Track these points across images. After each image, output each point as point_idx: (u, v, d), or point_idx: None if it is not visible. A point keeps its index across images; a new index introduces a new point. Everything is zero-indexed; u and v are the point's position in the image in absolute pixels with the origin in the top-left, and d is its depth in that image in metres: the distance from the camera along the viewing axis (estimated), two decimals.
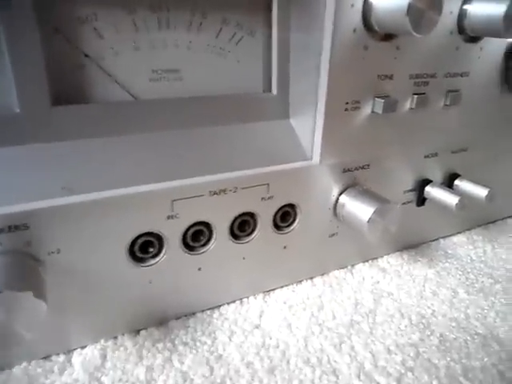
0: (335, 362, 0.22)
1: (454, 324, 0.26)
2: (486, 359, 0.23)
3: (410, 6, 0.20)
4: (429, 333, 0.25)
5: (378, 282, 0.29)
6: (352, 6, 0.22)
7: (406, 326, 0.25)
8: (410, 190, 0.30)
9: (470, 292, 0.28)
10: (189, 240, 0.23)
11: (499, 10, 0.24)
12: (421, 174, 0.30)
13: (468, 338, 0.25)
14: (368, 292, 0.28)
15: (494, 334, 0.25)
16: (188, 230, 0.23)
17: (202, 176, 0.22)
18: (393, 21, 0.21)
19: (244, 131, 0.24)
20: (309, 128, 0.25)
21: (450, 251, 0.33)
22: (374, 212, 0.25)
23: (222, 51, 0.24)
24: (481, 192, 0.30)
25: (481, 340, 0.24)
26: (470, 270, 0.31)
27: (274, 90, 0.25)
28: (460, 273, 0.30)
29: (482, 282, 0.30)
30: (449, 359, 0.23)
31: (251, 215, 0.24)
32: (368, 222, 0.25)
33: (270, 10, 0.24)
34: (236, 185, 0.23)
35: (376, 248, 0.31)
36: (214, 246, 0.24)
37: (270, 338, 0.24)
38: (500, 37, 0.25)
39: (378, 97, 0.25)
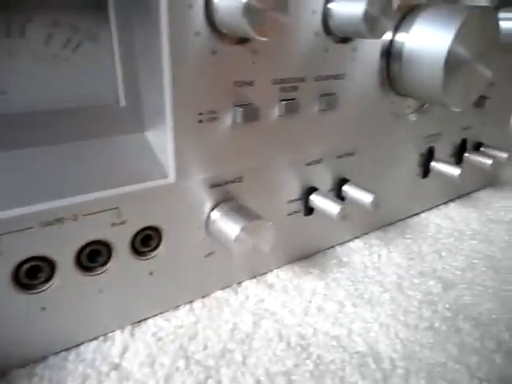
0: None
1: (334, 343, 0.24)
2: (359, 383, 0.22)
3: (247, 6, 0.18)
4: (305, 356, 0.23)
5: (263, 301, 0.27)
6: (190, 6, 0.19)
7: (282, 351, 0.23)
8: (296, 200, 0.29)
9: (357, 304, 0.27)
10: (22, 278, 0.20)
11: (358, 8, 0.22)
12: (305, 182, 0.29)
13: (346, 357, 0.23)
14: (249, 313, 0.26)
15: (373, 350, 0.24)
16: (20, 266, 0.20)
17: (29, 205, 0.19)
18: (233, 22, 0.19)
19: (86, 149, 0.22)
20: (165, 143, 0.22)
21: (344, 259, 0.32)
22: (241, 230, 0.23)
23: (55, 59, 0.21)
24: (366, 198, 0.29)
25: (359, 360, 0.23)
26: (361, 279, 0.30)
27: (122, 101, 0.22)
28: (350, 283, 0.29)
29: (372, 291, 0.29)
30: None
31: (103, 243, 0.22)
32: (235, 240, 0.23)
33: (106, 9, 0.21)
34: (75, 212, 0.20)
35: (265, 262, 0.29)
36: (57, 283, 0.21)
37: (128, 380, 0.21)
38: (364, 37, 0.23)
39: (237, 105, 0.22)
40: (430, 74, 0.27)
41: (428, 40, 0.27)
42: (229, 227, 0.23)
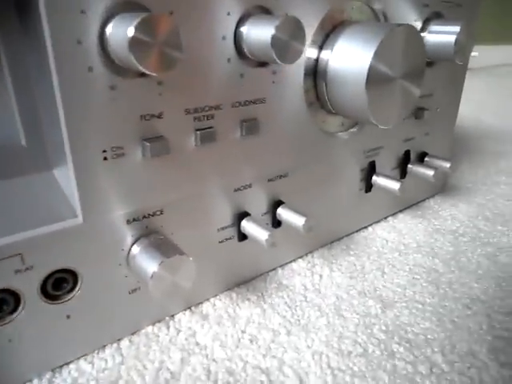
0: None
1: (263, 378, 0.23)
2: None
3: (134, 40, 0.17)
4: None
5: (194, 334, 0.26)
6: (79, 42, 0.18)
7: None
8: (226, 227, 0.28)
9: (292, 331, 0.27)
10: None
11: (267, 33, 0.22)
12: (236, 209, 0.28)
13: None
14: (178, 350, 0.25)
15: (303, 382, 0.23)
16: None
17: None
18: (123, 56, 0.18)
19: None
20: (70, 181, 0.21)
21: (285, 282, 0.31)
22: (159, 267, 0.22)
23: None
24: (298, 221, 0.28)
25: None
26: (299, 303, 0.29)
27: (23, 141, 0.21)
28: (287, 308, 0.29)
29: (309, 316, 0.28)
30: None
31: (8, 291, 0.21)
32: (151, 278, 0.22)
33: None
34: None
35: (200, 291, 0.29)
36: None
37: None
38: (276, 63, 0.23)
39: (145, 139, 0.22)
40: (355, 93, 0.27)
41: (350, 58, 0.27)
42: (146, 264, 0.22)
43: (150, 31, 0.17)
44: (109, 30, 0.19)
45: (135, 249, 0.24)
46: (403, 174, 0.40)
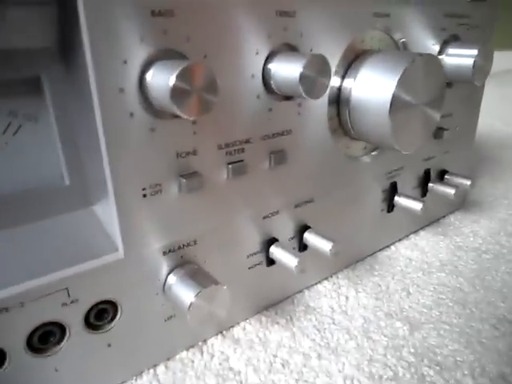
0: None
1: None
2: None
3: (175, 88, 0.18)
4: None
5: (228, 359, 0.27)
6: (122, 90, 0.19)
7: None
8: (255, 253, 0.29)
9: (323, 355, 0.27)
10: None
11: (295, 70, 0.23)
12: (264, 235, 0.29)
13: None
14: (213, 375, 0.26)
15: None
16: None
17: None
18: (163, 103, 0.19)
19: (34, 231, 0.22)
20: (112, 218, 0.22)
21: (312, 304, 0.32)
22: (195, 298, 0.23)
23: None
24: (325, 246, 0.29)
25: None
26: (327, 326, 0.30)
27: (67, 180, 0.23)
28: (316, 331, 0.29)
29: (338, 339, 0.29)
30: None
31: (54, 323, 0.22)
32: (189, 308, 0.23)
33: (43, 92, 0.21)
34: (21, 300, 0.20)
35: (231, 316, 0.29)
36: (10, 369, 0.21)
37: None
38: (303, 97, 0.23)
39: (181, 175, 0.23)
40: (377, 121, 0.27)
41: (373, 87, 0.28)
42: (183, 295, 0.23)
43: (189, 79, 0.18)
44: (148, 77, 0.20)
45: (171, 278, 0.25)
46: (424, 192, 0.40)
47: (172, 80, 0.18)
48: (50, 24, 0.20)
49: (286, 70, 0.23)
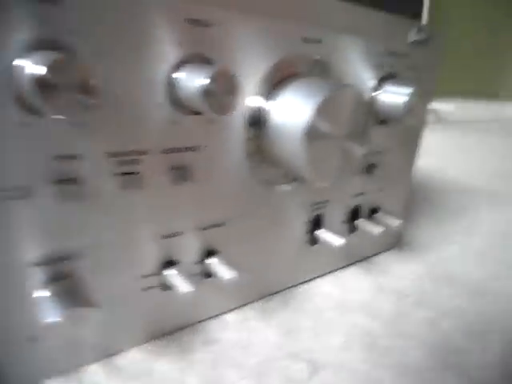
0: None
1: None
2: None
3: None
4: None
5: None
6: None
7: None
8: (151, 275, 0.26)
9: None
10: None
11: (199, 83, 0.21)
12: (163, 256, 0.26)
13: None
14: None
15: None
16: None
17: None
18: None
19: None
20: None
21: (212, 335, 0.30)
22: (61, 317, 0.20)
23: None
24: (225, 275, 0.27)
25: None
26: (221, 362, 0.27)
27: None
28: (207, 367, 0.27)
29: (229, 377, 0.26)
30: None
31: None
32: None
33: None
34: None
35: (115, 341, 0.27)
36: None
37: None
38: (205, 112, 0.22)
39: (56, 182, 0.20)
40: (291, 148, 0.26)
41: (290, 111, 0.26)
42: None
43: (57, 74, 0.16)
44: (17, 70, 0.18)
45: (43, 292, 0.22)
46: (352, 228, 0.39)
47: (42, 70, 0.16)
48: None
49: (191, 81, 0.22)
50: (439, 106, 1.51)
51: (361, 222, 0.39)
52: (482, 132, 1.52)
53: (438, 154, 1.00)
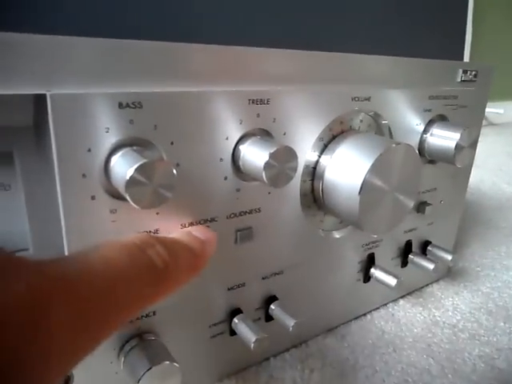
0: None
1: None
2: None
3: (131, 180, 0.19)
4: None
5: None
6: (84, 175, 0.20)
7: None
8: (219, 323, 0.29)
9: None
10: None
11: (261, 158, 0.23)
12: (229, 306, 0.29)
13: None
14: None
15: None
16: None
17: None
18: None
19: None
20: None
21: (274, 374, 0.32)
22: (147, 373, 0.23)
23: None
24: (288, 321, 0.29)
25: None
26: None
27: (31, 249, 0.23)
28: None
29: None
30: None
31: None
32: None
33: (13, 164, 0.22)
34: None
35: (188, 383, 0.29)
36: None
37: None
38: (265, 183, 0.24)
39: None
40: (347, 202, 0.28)
41: (346, 168, 0.28)
42: (135, 368, 0.24)
43: (147, 173, 0.19)
44: (112, 162, 0.21)
45: (127, 348, 0.25)
46: (404, 263, 0.40)
47: (130, 172, 0.19)
48: (28, 106, 0.21)
49: (254, 155, 0.24)
50: (488, 109, 1.46)
51: (414, 258, 0.39)
52: None
53: (490, 163, 0.98)
